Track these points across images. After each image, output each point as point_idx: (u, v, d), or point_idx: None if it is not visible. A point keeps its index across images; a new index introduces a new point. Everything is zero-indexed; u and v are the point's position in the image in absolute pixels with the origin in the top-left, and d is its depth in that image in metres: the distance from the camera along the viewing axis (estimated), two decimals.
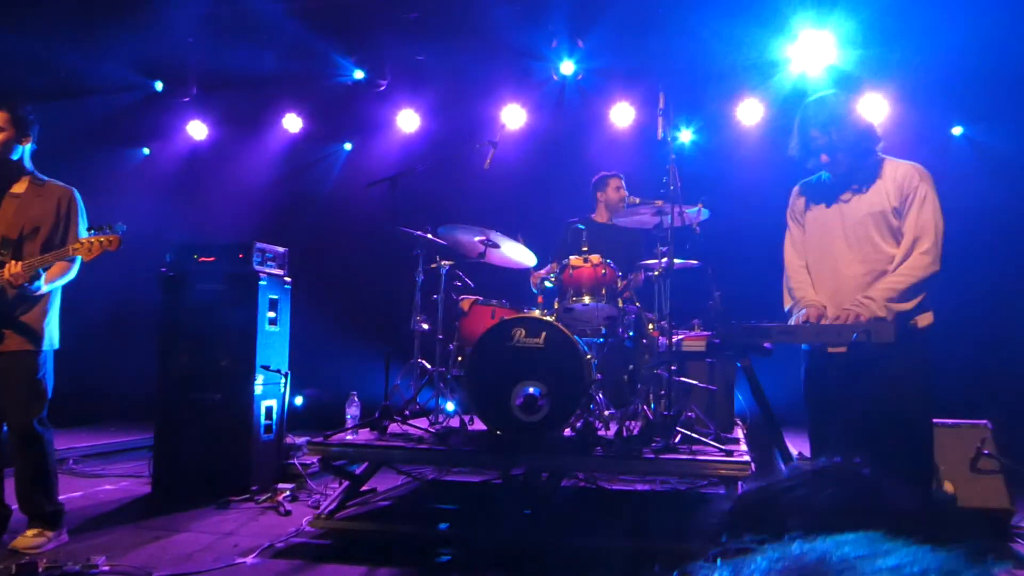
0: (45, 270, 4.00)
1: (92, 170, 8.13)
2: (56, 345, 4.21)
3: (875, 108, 7.17)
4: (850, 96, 3.55)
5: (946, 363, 3.65)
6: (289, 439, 5.76)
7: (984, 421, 4.88)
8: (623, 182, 6.17)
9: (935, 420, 3.71)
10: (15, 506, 4.18)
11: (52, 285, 4.08)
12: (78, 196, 4.27)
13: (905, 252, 3.26)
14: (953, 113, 7.66)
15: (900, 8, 6.70)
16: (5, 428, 4.10)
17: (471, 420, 4.97)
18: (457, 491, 5.71)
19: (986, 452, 4.73)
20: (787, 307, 3.59)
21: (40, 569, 3.59)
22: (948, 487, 4.74)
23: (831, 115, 3.37)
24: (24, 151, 4.18)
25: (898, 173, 3.35)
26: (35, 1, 6.86)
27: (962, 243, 3.31)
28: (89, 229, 4.07)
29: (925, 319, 3.27)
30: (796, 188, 3.67)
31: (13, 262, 3.92)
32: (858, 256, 3.36)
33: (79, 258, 4.09)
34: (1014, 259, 7.01)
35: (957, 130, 7.74)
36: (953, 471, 4.74)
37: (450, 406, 5.25)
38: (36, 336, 4.09)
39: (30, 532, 4.04)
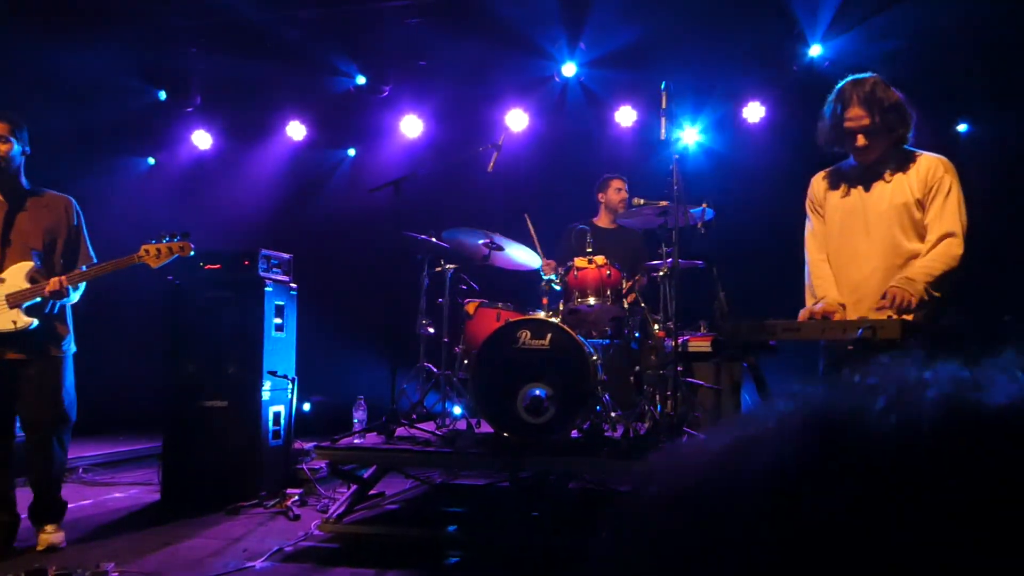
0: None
1: (99, 179, 8.20)
2: (74, 348, 4.34)
3: None
4: (886, 82, 3.33)
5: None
6: (297, 444, 5.77)
7: None
8: (625, 184, 6.15)
9: None
10: (24, 515, 4.22)
11: (76, 293, 4.23)
12: (77, 204, 4.39)
13: (933, 243, 3.17)
14: (957, 108, 7.60)
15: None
16: (20, 435, 4.19)
17: (478, 423, 4.96)
18: (465, 494, 5.71)
19: None
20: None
21: (50, 575, 3.61)
22: None
23: (875, 95, 3.21)
24: (23, 160, 4.25)
25: (922, 165, 3.26)
26: (42, 11, 6.90)
27: (975, 239, 3.23)
28: (154, 238, 4.19)
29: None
30: (818, 176, 3.54)
31: (56, 278, 4.04)
32: (878, 249, 3.27)
33: (84, 267, 4.22)
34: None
35: (961, 126, 7.69)
36: None
37: (457, 409, 5.25)
38: (64, 341, 4.24)
39: (50, 528, 4.16)
